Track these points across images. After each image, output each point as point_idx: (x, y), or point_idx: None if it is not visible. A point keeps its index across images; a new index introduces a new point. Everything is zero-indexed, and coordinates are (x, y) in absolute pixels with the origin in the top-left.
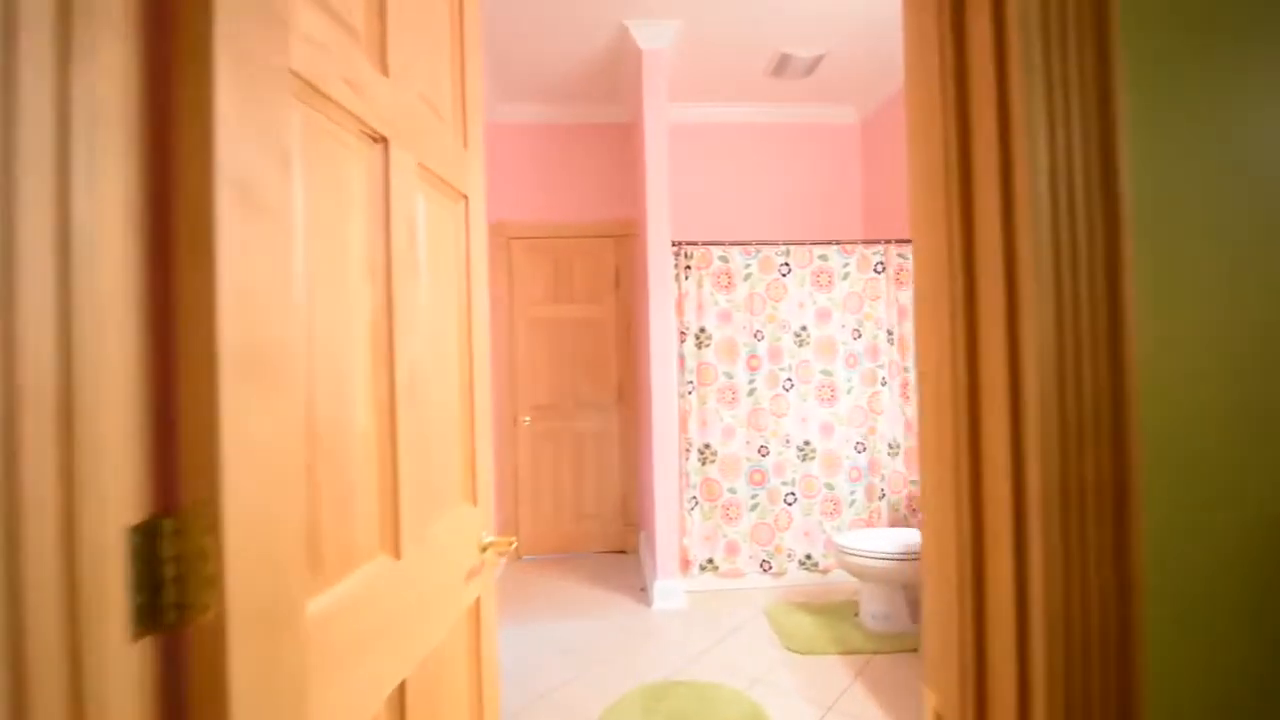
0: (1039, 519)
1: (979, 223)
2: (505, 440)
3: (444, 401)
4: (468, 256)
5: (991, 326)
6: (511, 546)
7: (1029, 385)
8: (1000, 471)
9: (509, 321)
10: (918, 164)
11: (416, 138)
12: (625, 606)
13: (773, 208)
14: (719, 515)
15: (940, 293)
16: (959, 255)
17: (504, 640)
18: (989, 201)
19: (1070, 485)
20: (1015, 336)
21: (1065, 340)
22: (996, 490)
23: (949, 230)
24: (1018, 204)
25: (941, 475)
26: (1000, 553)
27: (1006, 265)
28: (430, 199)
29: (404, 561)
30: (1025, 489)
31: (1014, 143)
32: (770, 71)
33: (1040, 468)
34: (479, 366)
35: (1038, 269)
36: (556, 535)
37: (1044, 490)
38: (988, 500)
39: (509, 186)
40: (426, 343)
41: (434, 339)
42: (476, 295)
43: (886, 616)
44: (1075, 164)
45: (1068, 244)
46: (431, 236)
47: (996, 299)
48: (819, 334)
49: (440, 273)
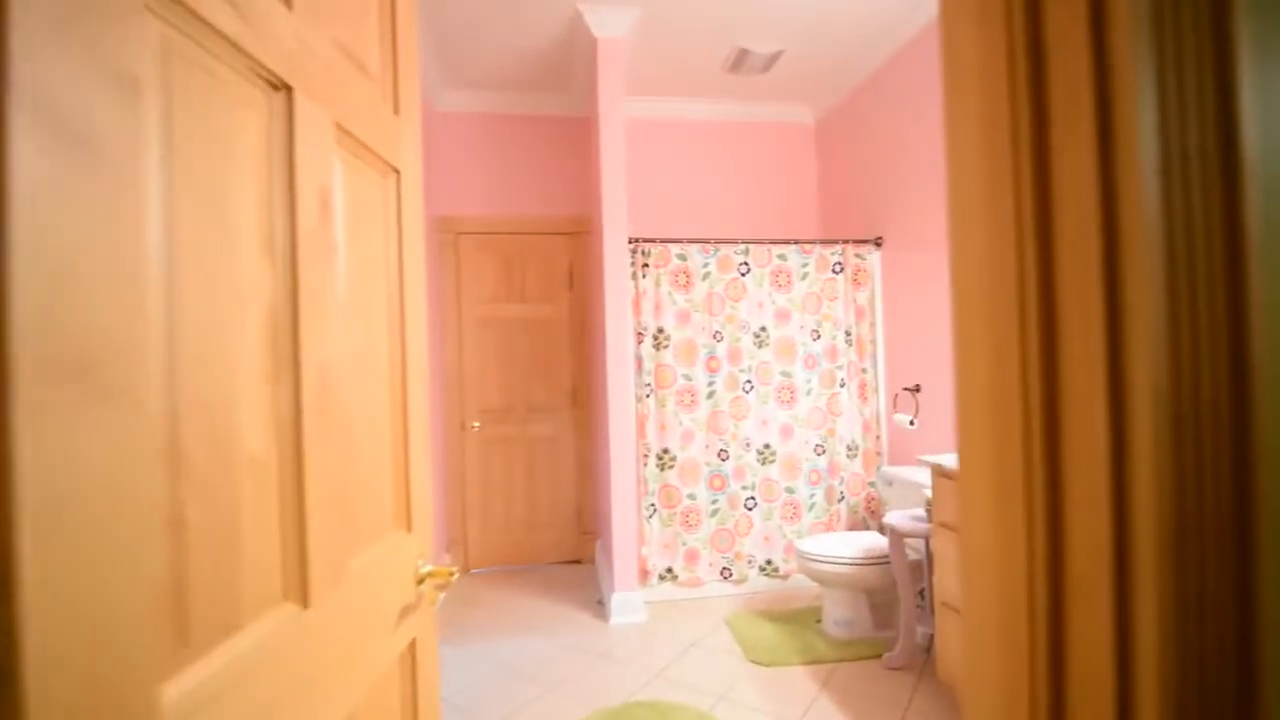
0: (1151, 564)
1: (1060, 197)
2: (452, 447)
3: (369, 411)
4: (400, 241)
5: (1081, 335)
6: (453, 577)
7: (1139, 401)
8: (1093, 509)
9: (457, 321)
10: (965, 127)
11: (332, 91)
12: (581, 621)
13: (728, 207)
14: (678, 522)
15: (999, 296)
16: (1030, 245)
17: (448, 664)
18: (1078, 169)
19: (1189, 519)
20: (1119, 345)
21: (1182, 345)
22: (1088, 532)
23: (1015, 211)
24: (1121, 175)
25: (1002, 517)
26: (1093, 609)
27: (1105, 259)
28: (352, 169)
29: (314, 610)
30: (1131, 527)
31: (1116, 104)
32: (728, 67)
33: (1154, 500)
34: (414, 369)
35: (1149, 258)
36: (507, 546)
37: (1158, 527)
38: (1074, 545)
39: (457, 179)
40: (346, 342)
41: (357, 337)
42: (411, 286)
43: (850, 623)
44: (1190, 122)
45: (1182, 224)
46: (354, 214)
47: (1089, 300)
48: (778, 335)
49: (366, 258)
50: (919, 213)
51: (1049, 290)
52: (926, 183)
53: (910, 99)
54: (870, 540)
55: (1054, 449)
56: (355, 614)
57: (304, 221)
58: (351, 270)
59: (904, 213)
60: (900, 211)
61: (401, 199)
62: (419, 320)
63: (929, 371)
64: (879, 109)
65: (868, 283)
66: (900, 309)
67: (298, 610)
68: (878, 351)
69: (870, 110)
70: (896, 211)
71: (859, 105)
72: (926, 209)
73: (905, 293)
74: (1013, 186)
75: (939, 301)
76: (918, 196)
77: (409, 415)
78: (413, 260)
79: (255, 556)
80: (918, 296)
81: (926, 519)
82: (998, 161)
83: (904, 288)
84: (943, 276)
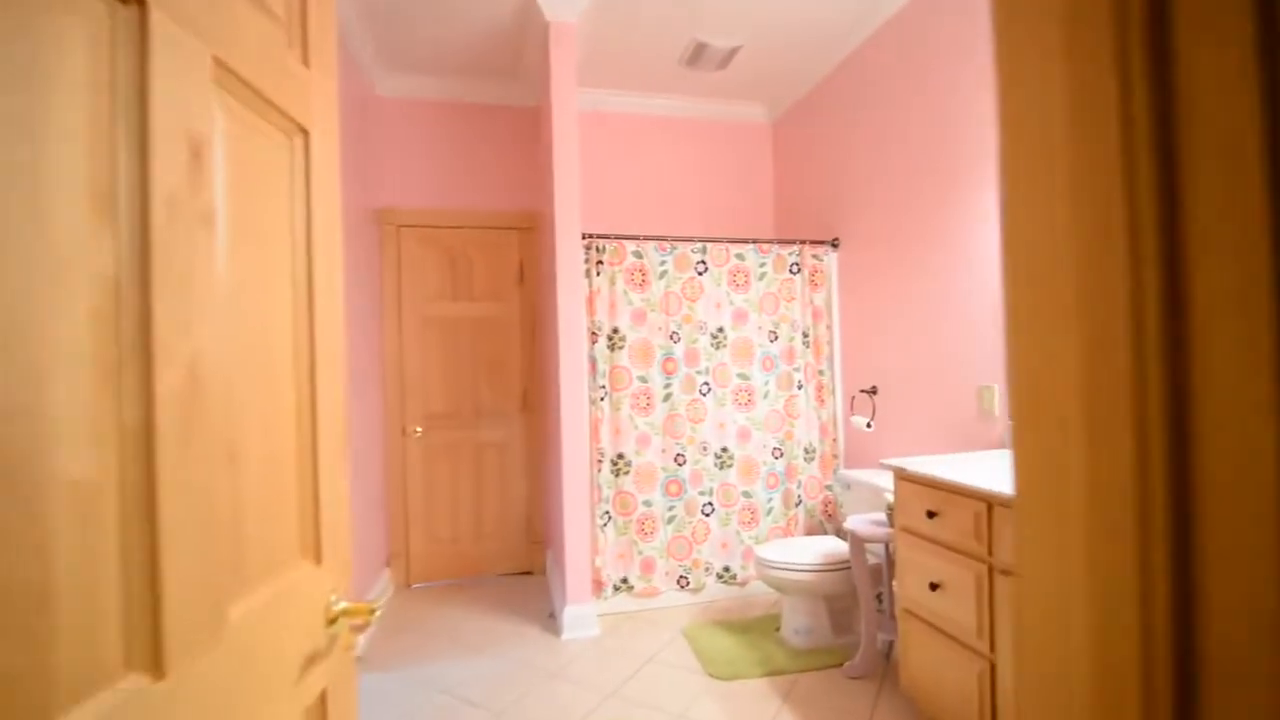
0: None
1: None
2: (392, 455)
3: (266, 418)
4: (310, 214)
5: (1237, 317)
6: (374, 614)
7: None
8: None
9: (397, 319)
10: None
11: (212, 20)
12: (531, 638)
13: (684, 206)
14: (634, 530)
15: (1098, 283)
16: (1146, 214)
17: (384, 693)
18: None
19: None
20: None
21: None
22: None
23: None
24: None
25: (1096, 557)
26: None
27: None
28: (242, 122)
29: (174, 679)
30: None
31: None
32: (685, 60)
33: None
34: (327, 366)
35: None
36: (453, 558)
37: None
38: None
39: (400, 168)
40: (233, 333)
41: (249, 327)
42: (324, 269)
43: (809, 631)
44: None
45: None
46: (246, 177)
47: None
48: (736, 336)
49: (263, 233)
50: (875, 214)
51: (1174, 269)
52: (882, 184)
53: (866, 101)
54: (829, 545)
55: (1182, 468)
56: (239, 674)
57: (163, 177)
58: (241, 245)
59: (860, 214)
60: (856, 213)
61: (311, 165)
62: (334, 309)
63: (885, 373)
64: (834, 110)
65: (824, 284)
66: (856, 311)
67: (147, 683)
68: (834, 353)
69: (825, 112)
70: (852, 213)
71: (814, 106)
72: (882, 210)
73: (861, 294)
74: (1120, 134)
75: (894, 303)
76: (873, 198)
77: (319, 421)
78: (326, 238)
79: (78, 618)
80: (873, 298)
81: (888, 523)
82: (1094, 107)
83: (860, 289)
84: (899, 278)
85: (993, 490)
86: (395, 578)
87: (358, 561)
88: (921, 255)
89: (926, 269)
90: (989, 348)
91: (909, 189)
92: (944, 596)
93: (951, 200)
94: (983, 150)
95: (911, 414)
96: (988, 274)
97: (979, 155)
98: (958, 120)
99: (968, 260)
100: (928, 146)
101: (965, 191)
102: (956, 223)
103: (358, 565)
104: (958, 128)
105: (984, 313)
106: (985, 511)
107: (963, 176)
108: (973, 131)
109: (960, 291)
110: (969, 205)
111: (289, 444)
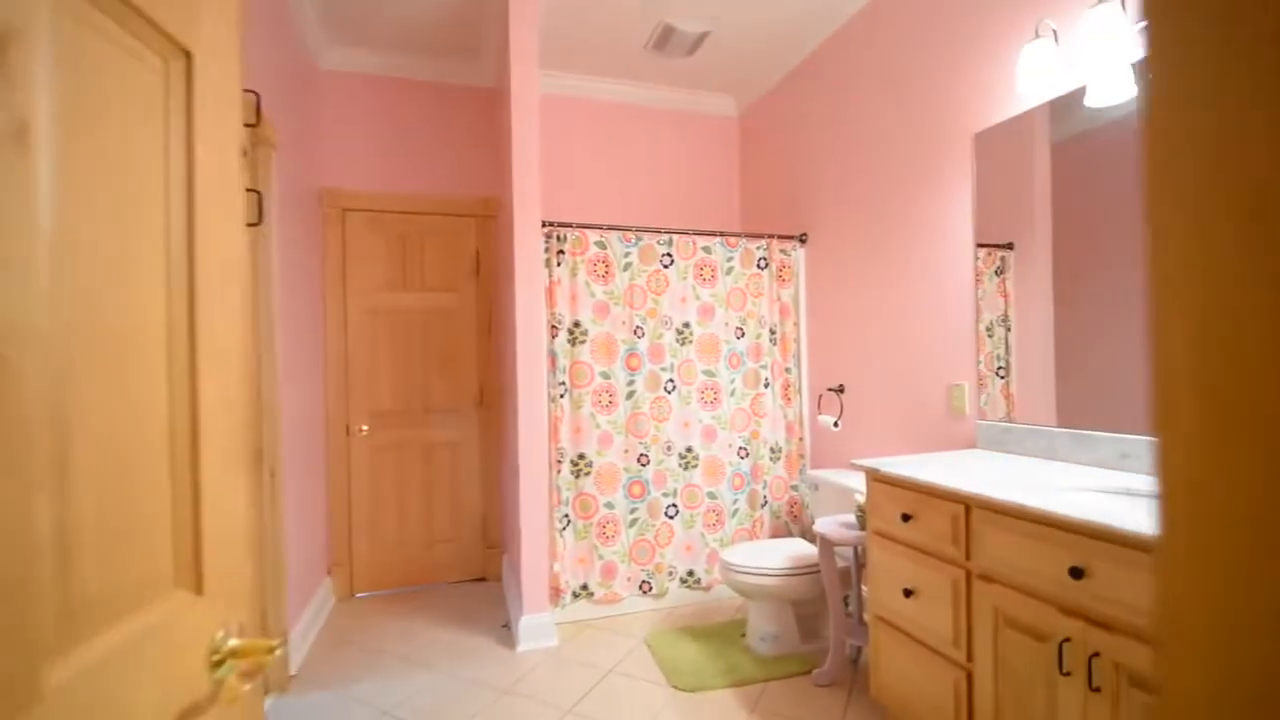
0: None
1: None
2: (335, 455)
3: (113, 420)
4: (191, 161)
5: None
6: (274, 654)
7: None
8: None
9: (342, 309)
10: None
11: None
12: (484, 651)
13: (648, 196)
14: (594, 534)
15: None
16: None
17: (320, 713)
18: None
19: None
20: None
21: None
22: None
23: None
24: None
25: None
26: None
27: None
28: (85, 24)
29: None
30: None
31: None
32: (652, 44)
33: None
34: (212, 351)
35: None
36: (401, 565)
37: None
38: None
39: (346, 148)
40: (57, 305)
41: (87, 302)
42: (211, 233)
43: (776, 637)
44: None
45: None
46: (88, 104)
47: None
48: (702, 332)
49: (116, 182)
50: (843, 209)
51: None
52: (851, 179)
53: (835, 94)
54: (797, 549)
55: None
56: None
57: None
58: (82, 191)
59: (828, 209)
60: (824, 208)
61: (194, 97)
62: (228, 282)
63: (853, 371)
64: (803, 103)
65: (792, 279)
66: (824, 307)
67: None
68: (801, 351)
69: (794, 104)
70: (820, 208)
71: (783, 98)
72: (851, 206)
73: (829, 290)
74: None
75: (863, 299)
76: (842, 193)
77: (201, 421)
78: (218, 193)
79: None
80: (841, 294)
81: (858, 526)
82: None
83: (828, 285)
84: (868, 274)
85: (971, 491)
86: (337, 588)
87: (294, 572)
88: (891, 251)
89: (896, 265)
90: (960, 345)
91: (878, 184)
92: (918, 602)
93: (923, 196)
94: (953, 144)
95: (880, 413)
96: (959, 270)
97: (950, 149)
98: (928, 114)
99: (938, 256)
100: (897, 141)
101: (936, 186)
102: (928, 218)
103: (294, 576)
104: (928, 121)
105: (955, 310)
106: (963, 514)
107: (934, 171)
108: (943, 125)
109: (931, 288)
110: (940, 200)
111: (157, 449)
